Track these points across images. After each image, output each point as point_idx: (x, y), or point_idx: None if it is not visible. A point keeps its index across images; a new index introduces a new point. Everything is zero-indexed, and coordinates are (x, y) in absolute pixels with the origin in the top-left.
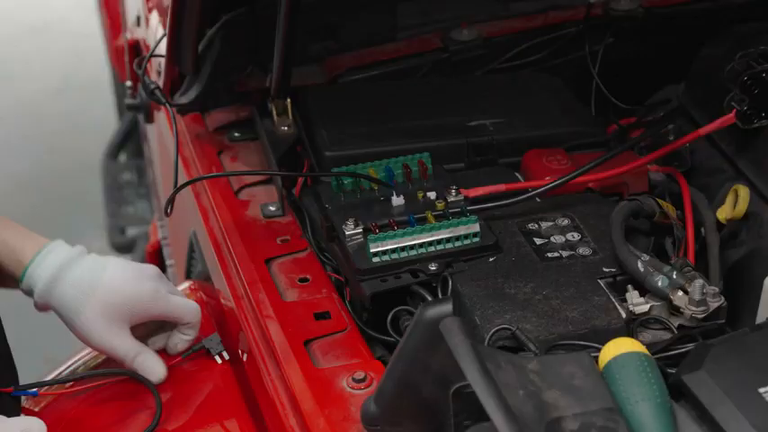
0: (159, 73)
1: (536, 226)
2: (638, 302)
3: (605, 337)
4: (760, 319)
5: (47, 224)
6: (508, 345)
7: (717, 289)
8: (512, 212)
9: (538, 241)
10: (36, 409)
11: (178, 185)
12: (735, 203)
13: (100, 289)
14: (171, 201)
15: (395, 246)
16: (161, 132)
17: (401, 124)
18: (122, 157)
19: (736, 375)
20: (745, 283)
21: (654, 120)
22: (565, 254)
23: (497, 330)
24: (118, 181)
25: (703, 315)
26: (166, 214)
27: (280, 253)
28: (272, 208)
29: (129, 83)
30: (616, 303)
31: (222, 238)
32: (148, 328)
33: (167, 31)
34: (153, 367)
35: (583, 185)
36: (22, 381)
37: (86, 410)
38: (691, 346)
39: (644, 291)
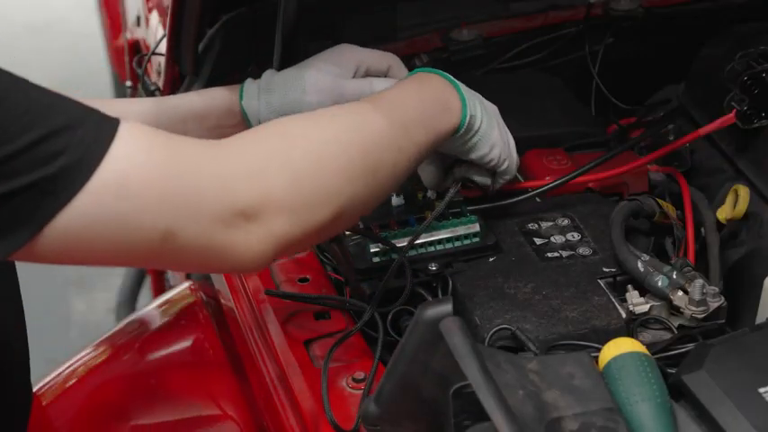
0: (159, 73)
1: (536, 226)
2: (638, 302)
3: (605, 337)
4: (760, 319)
5: None
6: (508, 345)
7: (717, 289)
8: (512, 212)
9: (538, 241)
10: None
11: None
12: (735, 203)
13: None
14: None
15: (395, 246)
16: None
17: None
18: None
19: (736, 375)
20: (745, 283)
21: (654, 120)
22: (565, 254)
23: (497, 330)
24: None
25: (703, 315)
26: None
27: None
28: None
29: (129, 83)
30: (616, 303)
31: None
32: None
33: (167, 31)
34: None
35: (583, 185)
36: None
37: None
38: (691, 346)
39: (644, 291)
